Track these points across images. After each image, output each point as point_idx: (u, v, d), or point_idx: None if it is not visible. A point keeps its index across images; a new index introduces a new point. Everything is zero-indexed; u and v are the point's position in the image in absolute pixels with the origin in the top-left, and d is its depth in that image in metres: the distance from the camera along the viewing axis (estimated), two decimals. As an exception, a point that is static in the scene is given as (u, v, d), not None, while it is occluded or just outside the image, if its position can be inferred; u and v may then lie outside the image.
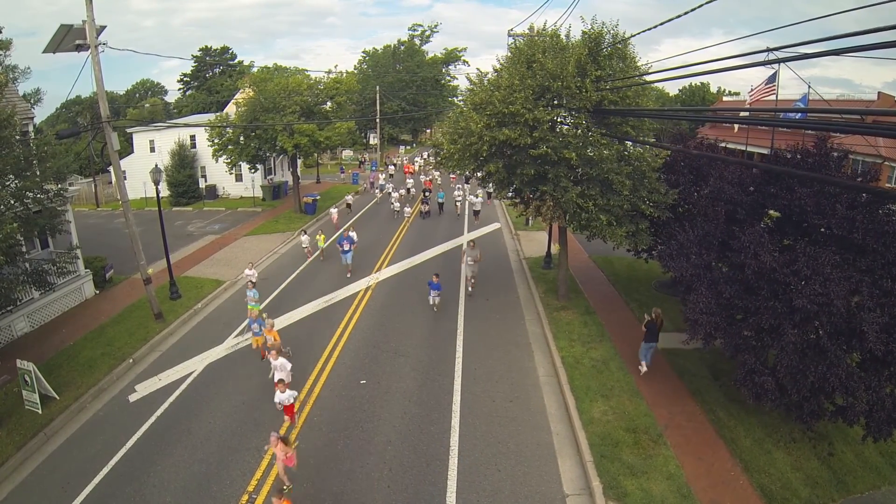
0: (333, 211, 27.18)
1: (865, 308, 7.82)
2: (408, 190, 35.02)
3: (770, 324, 8.28)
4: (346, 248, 18.69)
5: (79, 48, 13.53)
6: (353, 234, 19.79)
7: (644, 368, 11.68)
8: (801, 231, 9.50)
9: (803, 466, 8.90)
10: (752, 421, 9.90)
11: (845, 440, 9.49)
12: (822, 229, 9.16)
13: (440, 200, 30.39)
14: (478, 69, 14.15)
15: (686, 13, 7.45)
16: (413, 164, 47.98)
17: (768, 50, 5.50)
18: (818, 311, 7.79)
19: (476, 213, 27.82)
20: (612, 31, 12.37)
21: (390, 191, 33.27)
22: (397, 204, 29.32)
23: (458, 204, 30.96)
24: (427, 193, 30.88)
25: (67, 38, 13.39)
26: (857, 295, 8.21)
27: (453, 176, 38.46)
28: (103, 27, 13.59)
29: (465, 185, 35.42)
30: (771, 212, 10.38)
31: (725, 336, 9.06)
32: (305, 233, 22.19)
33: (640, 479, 8.53)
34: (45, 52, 13.76)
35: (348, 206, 31.52)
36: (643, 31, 8.81)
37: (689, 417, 10.16)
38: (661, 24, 8.29)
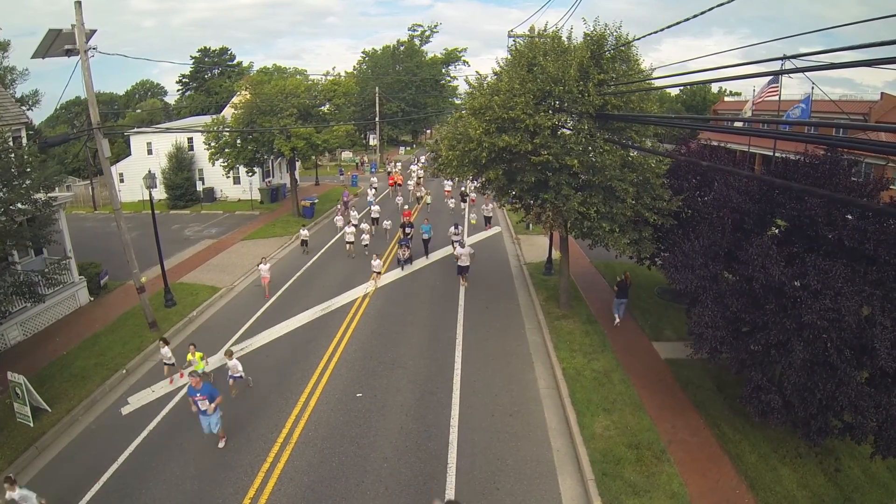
0: (264, 268, 17.12)
1: (877, 324, 7.56)
2: (374, 221, 24.97)
3: (778, 339, 8.02)
4: (203, 406, 9.47)
5: (68, 53, 13.23)
6: (233, 365, 11.25)
7: (617, 321, 14.30)
8: (810, 241, 9.23)
9: (810, 483, 8.67)
10: (758, 435, 9.66)
11: (852, 455, 9.27)
12: (829, 236, 8.91)
13: (426, 236, 20.97)
14: (477, 72, 13.87)
15: (694, 16, 7.19)
16: (401, 175, 38.56)
17: (785, 58, 5.25)
18: (828, 326, 7.53)
19: (463, 270, 17.40)
20: (614, 33, 12.08)
21: (350, 222, 23.75)
22: (365, 237, 21.99)
23: (455, 243, 20.02)
24: (408, 229, 21.91)
25: (56, 43, 13.09)
26: (867, 306, 7.97)
27: (448, 189, 32.71)
28: (93, 31, 13.30)
29: (462, 204, 29.37)
30: (778, 220, 10.10)
31: (731, 350, 8.81)
32: (167, 343, 12.44)
33: (642, 499, 8.29)
34: (33, 57, 13.47)
35: (303, 243, 22.74)
36: (648, 35, 8.55)
37: (693, 432, 9.91)
38: (668, 27, 8.03)
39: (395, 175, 37.44)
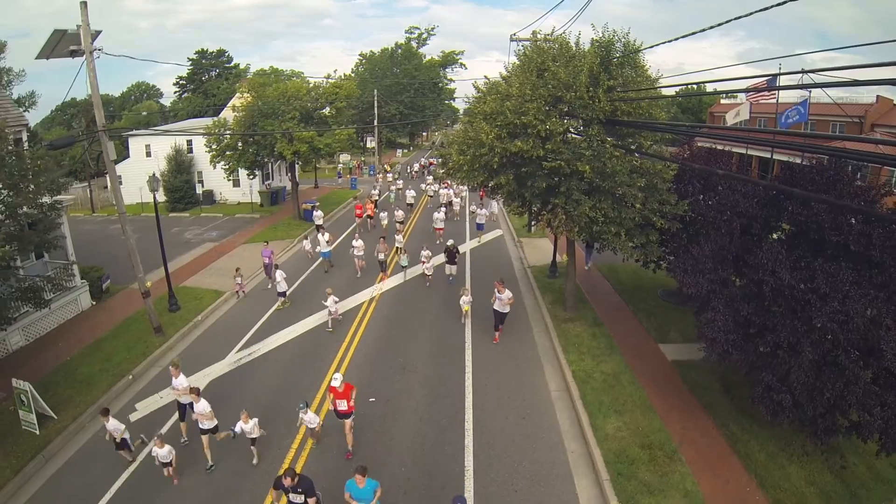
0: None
1: (884, 326, 7.75)
2: (190, 401, 9.66)
3: (788, 341, 8.21)
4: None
5: (73, 54, 13.10)
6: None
7: (589, 266, 19.58)
8: (816, 245, 9.42)
9: (817, 480, 8.86)
10: (765, 434, 9.85)
11: (857, 452, 9.47)
12: (835, 240, 9.10)
13: None
14: (486, 77, 13.97)
15: (702, 30, 7.34)
16: (374, 203, 28.07)
17: (803, 72, 5.40)
18: (837, 329, 7.72)
19: None
20: (623, 39, 12.23)
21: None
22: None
23: None
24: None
25: (61, 44, 12.98)
26: (871, 308, 8.16)
27: (439, 226, 23.50)
28: (98, 32, 13.19)
29: (450, 269, 18.24)
30: (784, 225, 10.29)
31: (741, 353, 8.97)
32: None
33: (657, 498, 8.44)
34: (37, 58, 13.31)
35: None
36: (657, 45, 8.67)
37: (702, 432, 10.08)
38: (676, 39, 8.17)
39: (367, 203, 26.63)
